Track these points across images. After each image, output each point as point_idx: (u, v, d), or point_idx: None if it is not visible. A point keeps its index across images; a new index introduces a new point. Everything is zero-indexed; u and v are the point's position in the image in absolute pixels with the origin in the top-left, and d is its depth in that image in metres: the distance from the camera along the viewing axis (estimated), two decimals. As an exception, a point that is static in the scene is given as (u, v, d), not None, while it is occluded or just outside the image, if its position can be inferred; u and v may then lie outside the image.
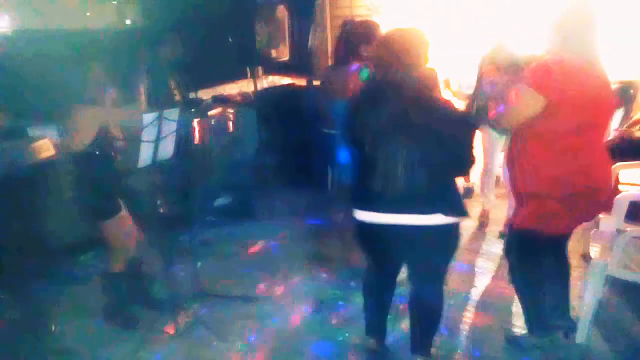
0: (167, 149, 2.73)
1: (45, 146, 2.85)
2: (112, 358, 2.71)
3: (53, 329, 2.89)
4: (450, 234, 2.13)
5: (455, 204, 2.09)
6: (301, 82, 5.25)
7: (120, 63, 3.47)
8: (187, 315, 2.98)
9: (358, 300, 3.14)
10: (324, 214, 4.18)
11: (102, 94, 2.72)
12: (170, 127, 2.67)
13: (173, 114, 2.67)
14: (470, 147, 2.08)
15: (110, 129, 2.69)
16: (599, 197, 2.25)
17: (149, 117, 2.53)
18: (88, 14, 5.51)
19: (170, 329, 2.86)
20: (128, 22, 5.32)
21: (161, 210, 3.54)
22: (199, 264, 3.44)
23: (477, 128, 3.26)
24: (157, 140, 2.61)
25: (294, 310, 3.12)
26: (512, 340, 2.69)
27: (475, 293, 3.23)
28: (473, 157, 2.08)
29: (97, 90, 2.68)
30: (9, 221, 2.76)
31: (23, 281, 2.95)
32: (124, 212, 2.80)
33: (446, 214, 2.04)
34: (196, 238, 3.90)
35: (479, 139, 3.84)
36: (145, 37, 4.15)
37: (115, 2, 5.02)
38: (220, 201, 4.42)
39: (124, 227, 2.81)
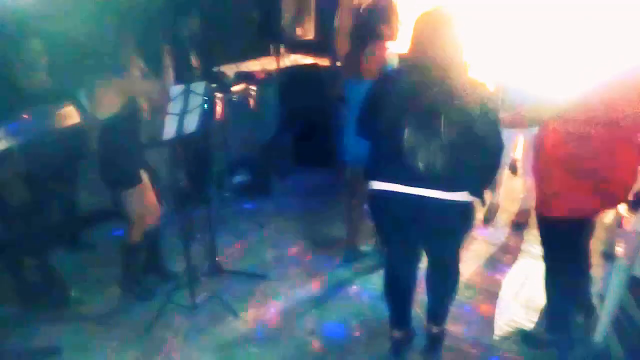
0: (193, 122, 2.72)
1: (70, 113, 2.84)
2: (127, 328, 2.74)
3: (72, 294, 2.93)
4: (469, 210, 2.20)
5: (479, 186, 2.14)
6: (325, 62, 5.18)
7: (148, 33, 3.45)
8: (202, 290, 3.00)
9: (368, 282, 3.16)
10: (340, 194, 4.16)
11: (131, 64, 2.70)
12: (196, 101, 2.65)
13: (200, 87, 2.65)
14: (497, 132, 2.07)
15: (136, 100, 2.68)
16: (613, 189, 2.22)
17: (176, 90, 2.51)
18: None
19: (185, 303, 2.88)
20: None
21: (181, 184, 3.54)
22: (215, 239, 3.45)
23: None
24: (183, 113, 2.60)
25: (306, 289, 3.13)
26: (527, 337, 2.68)
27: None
28: (501, 142, 2.09)
29: (125, 59, 2.66)
30: (32, 186, 2.77)
31: (46, 247, 2.98)
32: (144, 184, 2.80)
33: (470, 193, 2.10)
34: (213, 213, 3.91)
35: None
36: (170, 7, 4.11)
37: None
38: (238, 178, 4.41)
39: (143, 198, 2.81)
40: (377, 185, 2.18)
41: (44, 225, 2.92)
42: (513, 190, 4.22)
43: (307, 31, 4.97)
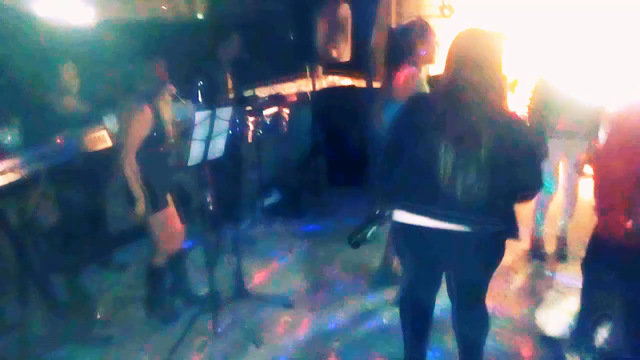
0: (218, 147, 2.71)
1: (102, 137, 2.91)
2: (149, 351, 2.73)
3: (98, 315, 2.96)
4: (498, 245, 2.05)
5: (511, 221, 2.00)
6: (361, 83, 5.13)
7: (182, 57, 3.52)
8: (226, 315, 2.95)
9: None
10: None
11: (161, 89, 2.74)
12: (222, 126, 2.65)
13: (226, 112, 2.64)
14: (536, 166, 1.95)
15: (164, 125, 2.70)
16: None
17: (201, 115, 2.51)
18: (164, 7, 5.69)
19: (208, 327, 2.84)
20: (200, 16, 5.43)
21: (209, 207, 3.54)
22: (242, 263, 3.41)
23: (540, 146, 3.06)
24: (209, 138, 2.59)
25: (333, 321, 3.02)
26: (550, 344, 2.54)
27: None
28: (539, 177, 1.96)
29: (156, 84, 2.69)
30: (63, 206, 2.84)
31: (76, 266, 3.04)
32: (170, 208, 2.80)
33: (500, 228, 1.97)
34: (242, 236, 3.89)
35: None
36: (206, 31, 4.19)
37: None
38: (269, 200, 4.39)
39: (169, 222, 2.82)
40: (403, 216, 2.07)
41: (74, 245, 2.98)
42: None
43: (343, 52, 4.92)
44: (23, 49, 3.63)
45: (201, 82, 3.35)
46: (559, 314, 3.01)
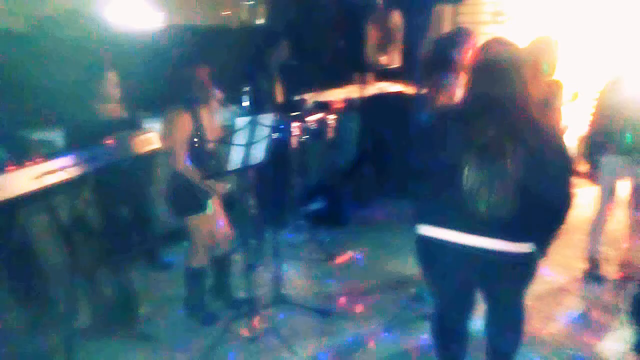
0: (259, 153, 2.73)
1: (150, 140, 3.01)
2: (187, 352, 2.78)
3: (140, 313, 3.06)
4: (532, 262, 1.94)
5: (541, 241, 1.91)
6: (411, 90, 5.02)
7: (237, 63, 3.60)
8: (263, 320, 2.96)
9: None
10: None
11: (205, 95, 2.80)
12: (263, 132, 2.67)
13: (267, 118, 2.66)
14: (563, 186, 1.83)
15: (203, 130, 2.75)
16: None
17: (242, 121, 2.54)
18: (224, 12, 5.88)
19: (245, 332, 2.86)
20: (259, 21, 5.57)
21: (252, 212, 3.59)
22: (282, 268, 3.42)
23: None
24: (249, 144, 2.62)
25: (370, 332, 2.94)
26: None
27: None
28: (566, 198, 1.84)
29: (199, 90, 2.76)
30: (111, 207, 2.97)
31: (121, 263, 3.16)
32: (211, 212, 2.86)
33: (528, 247, 1.87)
34: (283, 241, 3.91)
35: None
36: (258, 38, 4.26)
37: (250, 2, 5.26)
38: (313, 206, 4.38)
39: (208, 225, 2.87)
40: (427, 230, 1.99)
41: (122, 244, 3.10)
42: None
43: (393, 59, 4.86)
44: (80, 53, 3.86)
45: (249, 88, 3.40)
46: (615, 345, 2.78)
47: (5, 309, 2.75)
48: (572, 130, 3.71)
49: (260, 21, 5.51)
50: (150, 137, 3.03)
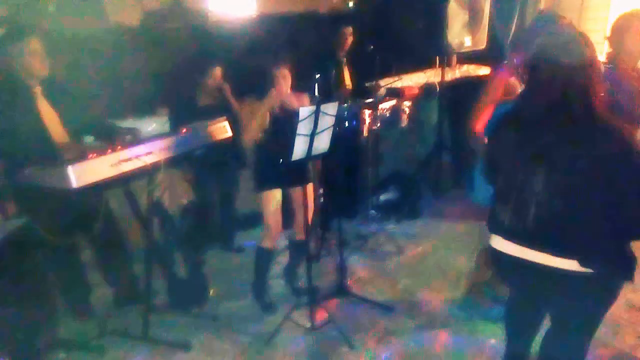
0: (323, 143, 2.68)
1: (224, 128, 3.07)
2: (250, 336, 2.85)
3: (210, 294, 3.19)
4: (602, 286, 1.67)
5: (620, 260, 1.63)
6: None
7: (299, 49, 3.58)
8: (324, 311, 2.95)
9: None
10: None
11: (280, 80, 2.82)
12: (327, 121, 2.61)
13: (331, 107, 2.60)
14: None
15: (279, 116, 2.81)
16: None
17: (306, 111, 2.50)
18: None
19: (305, 322, 2.88)
20: (350, 5, 5.51)
21: (320, 200, 3.57)
22: (348, 259, 3.38)
23: None
24: (313, 134, 2.58)
25: (433, 331, 2.82)
26: None
27: None
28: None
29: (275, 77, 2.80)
30: (196, 191, 3.11)
31: (196, 246, 3.32)
32: (275, 191, 2.90)
33: (584, 263, 1.61)
34: (352, 231, 3.87)
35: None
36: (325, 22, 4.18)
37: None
38: (385, 196, 4.27)
39: (272, 204, 2.91)
40: (494, 241, 1.82)
41: (203, 227, 3.25)
42: None
43: (479, 40, 4.52)
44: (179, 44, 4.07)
45: (318, 75, 3.35)
46: None
47: (91, 287, 3.03)
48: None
49: (350, 5, 5.42)
50: (225, 125, 3.09)
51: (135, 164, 2.43)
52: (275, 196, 2.92)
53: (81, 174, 2.14)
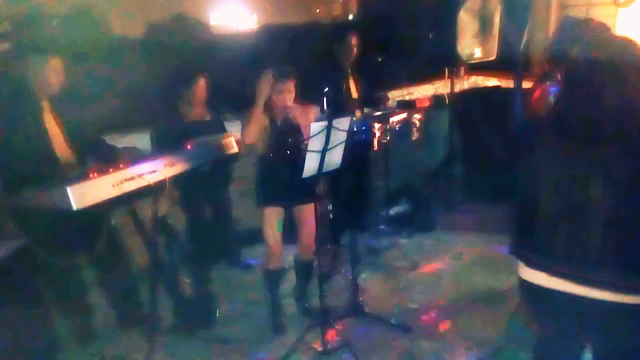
0: (335, 159, 2.58)
1: (230, 143, 2.98)
2: (260, 358, 2.73)
3: (218, 314, 3.07)
4: None
5: None
6: (509, 84, 4.57)
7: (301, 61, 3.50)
8: (337, 332, 2.82)
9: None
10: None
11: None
12: (339, 137, 2.51)
13: (343, 122, 2.50)
14: None
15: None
16: None
17: (317, 126, 2.40)
18: (318, 10, 5.87)
19: (316, 345, 2.75)
20: (350, 17, 5.46)
21: (329, 216, 3.46)
22: (360, 276, 3.26)
23: None
24: (325, 150, 2.47)
25: (454, 354, 2.68)
26: None
27: None
28: None
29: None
30: (193, 209, 3.00)
31: (202, 265, 3.21)
32: (276, 209, 2.82)
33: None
34: (363, 247, 3.75)
35: None
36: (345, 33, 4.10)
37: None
38: (396, 210, 4.15)
39: (272, 222, 2.84)
40: (525, 272, 1.66)
41: (202, 246, 3.14)
42: None
43: (489, 50, 4.43)
44: (179, 57, 4.00)
45: (327, 89, 3.26)
46: None
47: (93, 309, 2.92)
48: None
49: (353, 15, 5.37)
50: (231, 141, 3.00)
51: (139, 182, 2.33)
52: (275, 214, 2.84)
53: (81, 195, 2.04)
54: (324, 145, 2.46)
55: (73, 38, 4.00)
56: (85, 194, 2.06)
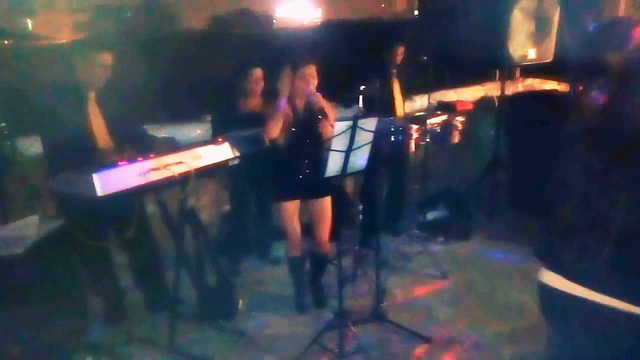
0: (360, 160, 2.53)
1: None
2: (276, 355, 2.74)
3: (240, 307, 3.11)
4: None
5: None
6: (565, 88, 4.30)
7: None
8: (355, 337, 2.77)
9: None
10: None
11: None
12: (364, 137, 2.45)
13: (370, 123, 2.44)
14: None
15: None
16: None
17: (341, 125, 2.36)
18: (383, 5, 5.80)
19: (333, 346, 2.71)
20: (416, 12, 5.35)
21: (359, 217, 3.40)
22: (385, 281, 3.19)
23: None
24: (349, 150, 2.43)
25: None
26: None
27: None
28: None
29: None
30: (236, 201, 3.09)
31: (231, 257, 3.27)
32: (292, 203, 2.89)
33: None
34: (394, 251, 3.67)
35: None
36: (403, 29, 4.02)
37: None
38: (432, 215, 4.01)
39: (289, 214, 2.90)
40: (549, 278, 1.56)
41: (239, 236, 3.20)
42: None
43: (545, 51, 4.17)
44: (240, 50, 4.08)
45: (363, 87, 3.20)
46: None
47: (124, 290, 3.05)
48: None
49: (415, 12, 5.25)
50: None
51: (164, 173, 2.39)
52: (292, 207, 2.92)
53: (106, 182, 2.12)
54: (348, 145, 2.41)
55: (144, 29, 4.20)
56: (110, 181, 2.14)
